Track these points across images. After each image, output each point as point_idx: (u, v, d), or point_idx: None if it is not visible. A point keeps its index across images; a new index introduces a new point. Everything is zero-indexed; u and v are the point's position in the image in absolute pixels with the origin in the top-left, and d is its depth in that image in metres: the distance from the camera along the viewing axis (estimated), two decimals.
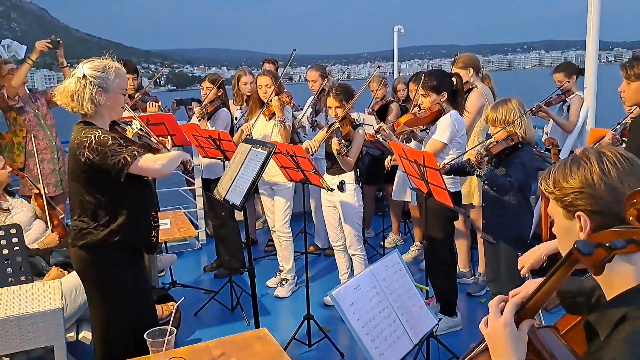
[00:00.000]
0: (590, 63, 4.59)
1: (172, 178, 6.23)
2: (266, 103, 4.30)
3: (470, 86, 4.33)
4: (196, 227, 5.54)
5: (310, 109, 5.07)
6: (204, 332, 3.78)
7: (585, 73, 4.64)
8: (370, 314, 1.94)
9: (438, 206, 3.39)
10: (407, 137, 3.92)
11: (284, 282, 4.49)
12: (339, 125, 3.83)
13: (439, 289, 3.72)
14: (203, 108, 4.58)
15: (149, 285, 2.85)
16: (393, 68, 9.54)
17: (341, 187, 3.90)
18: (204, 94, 4.74)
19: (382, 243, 5.27)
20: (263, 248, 5.47)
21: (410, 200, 4.82)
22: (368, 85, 5.65)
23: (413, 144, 3.99)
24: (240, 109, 5.10)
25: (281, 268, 4.58)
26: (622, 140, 3.53)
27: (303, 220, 3.94)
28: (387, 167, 3.92)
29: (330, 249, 5.01)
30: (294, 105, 4.56)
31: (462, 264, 4.50)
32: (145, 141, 2.72)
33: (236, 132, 4.52)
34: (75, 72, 2.46)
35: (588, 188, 1.16)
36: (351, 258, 4.17)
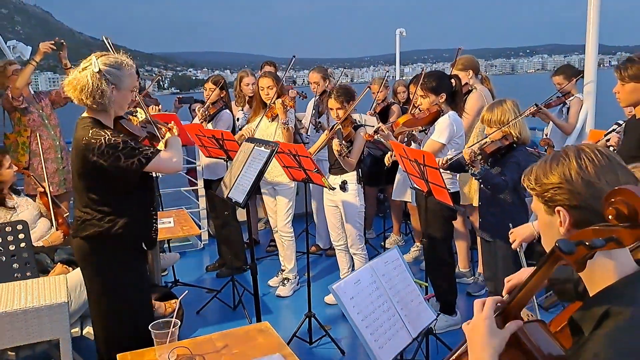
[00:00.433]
0: (589, 65, 4.63)
1: (175, 178, 6.29)
2: (269, 105, 4.35)
3: (469, 88, 4.38)
4: (199, 227, 5.58)
5: (312, 111, 5.12)
6: (206, 330, 3.82)
7: (584, 75, 4.68)
8: (369, 308, 1.98)
9: (437, 206, 3.43)
10: (407, 141, 3.96)
11: (286, 282, 4.53)
12: (340, 126, 3.88)
13: (439, 288, 3.76)
14: (205, 110, 4.63)
15: (149, 282, 2.86)
16: (395, 72, 9.59)
17: (343, 187, 3.94)
18: (207, 95, 4.79)
19: (383, 244, 5.31)
20: (265, 248, 5.52)
21: (410, 200, 4.86)
22: (369, 87, 5.70)
23: (413, 147, 4.03)
24: (242, 110, 5.15)
25: (283, 268, 4.62)
26: None
27: (305, 220, 3.99)
28: (388, 164, 3.96)
29: (331, 250, 5.05)
30: (299, 93, 4.56)
31: (462, 264, 4.54)
32: (149, 130, 2.72)
33: (237, 134, 4.56)
34: (87, 65, 2.39)
35: (566, 183, 1.19)
36: (352, 258, 4.21)
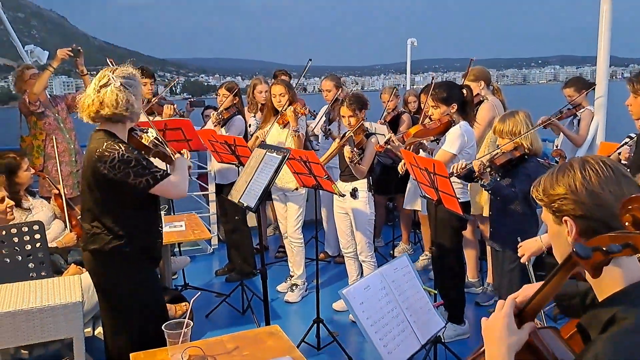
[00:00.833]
0: (601, 77, 4.63)
1: None
2: (280, 112, 4.40)
3: (481, 98, 4.40)
4: (209, 232, 5.62)
5: (323, 118, 5.16)
6: (215, 334, 3.82)
7: (596, 88, 4.68)
8: (379, 313, 2.01)
9: (447, 215, 3.45)
10: (416, 149, 3.99)
11: (294, 288, 4.55)
12: (352, 134, 3.92)
13: (448, 297, 3.76)
14: (219, 114, 4.69)
15: (161, 292, 2.87)
16: (406, 81, 9.65)
17: (354, 194, 3.98)
18: (220, 101, 4.85)
19: (392, 252, 5.32)
20: (274, 254, 5.55)
21: (420, 209, 4.87)
22: (380, 96, 5.74)
23: (422, 155, 4.05)
24: (254, 117, 5.21)
25: (292, 273, 4.65)
26: None
27: (315, 227, 4.03)
28: (401, 172, 3.99)
29: (340, 257, 5.07)
30: (310, 111, 4.64)
31: (471, 274, 4.54)
32: (160, 149, 2.80)
33: (250, 140, 4.62)
34: (105, 81, 2.46)
35: (571, 194, 1.24)
36: (361, 265, 4.23)
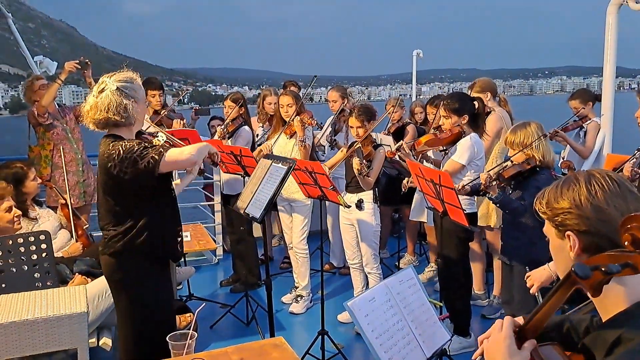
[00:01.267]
0: (607, 89, 4.62)
1: (191, 194, 6.36)
2: (288, 122, 4.42)
3: (487, 110, 4.40)
4: (214, 242, 5.63)
5: (329, 129, 5.17)
6: (220, 345, 3.83)
7: (602, 99, 4.67)
8: (384, 326, 1.99)
9: (453, 226, 3.43)
10: (419, 160, 3.99)
11: (299, 299, 4.54)
12: (360, 145, 3.92)
13: (453, 310, 3.74)
14: (225, 128, 4.71)
15: (173, 295, 2.94)
16: (412, 91, 9.67)
17: (359, 206, 3.97)
18: (227, 113, 4.88)
19: (398, 264, 5.30)
20: (279, 265, 5.54)
21: (426, 220, 4.86)
22: (385, 106, 5.75)
23: (427, 166, 4.05)
24: (262, 127, 5.23)
25: (296, 284, 4.64)
26: None
27: (320, 238, 4.02)
28: (405, 189, 3.98)
29: (345, 268, 5.06)
30: (317, 123, 4.66)
31: (477, 286, 4.50)
32: None
33: (255, 152, 4.63)
34: (102, 86, 2.50)
35: (576, 209, 1.22)
36: (367, 276, 4.22)
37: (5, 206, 3.35)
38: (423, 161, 4.09)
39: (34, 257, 3.07)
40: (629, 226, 1.10)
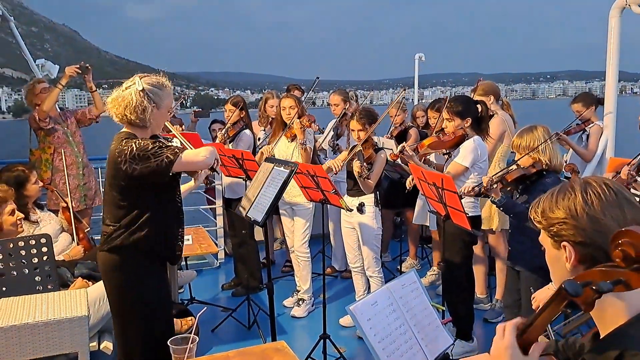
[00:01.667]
0: (610, 92, 4.61)
1: (193, 197, 6.36)
2: (288, 125, 4.41)
3: (490, 113, 4.39)
4: (215, 246, 5.63)
5: (331, 133, 5.17)
6: (221, 349, 3.81)
7: (605, 102, 4.66)
8: (386, 330, 1.98)
9: (457, 230, 3.42)
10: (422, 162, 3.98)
11: (301, 302, 4.52)
12: (361, 148, 3.91)
13: (456, 313, 3.72)
14: (225, 132, 4.71)
15: (170, 297, 2.92)
16: (414, 95, 9.66)
17: (361, 209, 3.96)
18: (227, 116, 4.88)
19: (399, 267, 5.28)
20: (281, 268, 5.53)
21: (429, 224, 4.84)
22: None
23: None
24: (264, 130, 5.22)
25: (298, 288, 4.62)
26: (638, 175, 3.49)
27: (322, 241, 4.01)
28: (409, 187, 3.97)
29: (347, 272, 5.04)
30: (318, 128, 4.66)
31: (479, 290, 4.48)
32: None
33: (257, 155, 4.62)
34: (130, 84, 2.54)
35: (571, 219, 1.18)
36: (368, 280, 4.20)
37: (8, 209, 3.35)
38: (425, 166, 4.08)
39: (35, 261, 3.06)
40: (620, 241, 1.06)
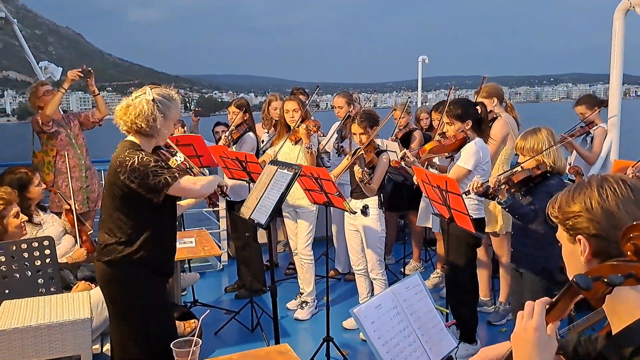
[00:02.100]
0: (614, 94, 4.60)
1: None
2: (293, 128, 4.40)
3: (494, 115, 4.38)
4: (219, 248, 5.61)
5: (335, 135, 5.16)
6: (224, 351, 3.82)
7: (609, 105, 4.64)
8: (390, 333, 1.97)
9: (461, 232, 3.41)
10: (425, 166, 3.97)
11: (304, 305, 4.51)
12: (363, 151, 3.90)
13: (460, 316, 3.71)
14: (229, 135, 4.71)
15: (170, 305, 2.91)
16: (417, 98, 9.64)
17: (364, 212, 3.95)
18: (231, 119, 4.88)
19: (403, 270, 5.27)
20: (284, 271, 5.52)
21: (432, 226, 4.83)
22: (394, 111, 5.73)
23: (432, 172, 4.03)
24: (267, 133, 5.22)
25: (301, 291, 4.61)
26: None
27: (325, 244, 4.00)
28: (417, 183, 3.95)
29: (350, 274, 5.03)
30: (323, 134, 4.65)
31: (483, 293, 4.46)
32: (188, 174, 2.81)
33: (261, 155, 4.62)
34: (140, 94, 2.58)
35: (586, 212, 1.21)
36: (372, 282, 4.19)
37: (13, 212, 3.35)
38: (428, 167, 4.07)
39: (38, 263, 3.06)
40: (631, 235, 1.07)
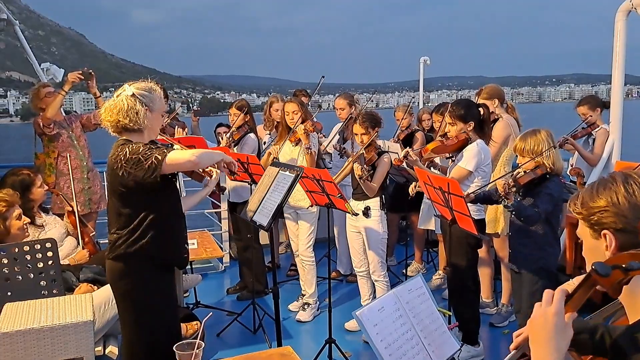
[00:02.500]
0: (616, 95, 4.59)
1: None
2: (292, 129, 4.41)
3: (495, 116, 4.37)
4: (221, 250, 5.62)
5: (337, 137, 5.16)
6: (226, 353, 3.81)
7: (611, 105, 4.63)
8: (393, 336, 1.96)
9: (462, 233, 3.40)
10: (427, 166, 3.97)
11: (306, 307, 4.51)
12: (364, 150, 3.91)
13: (462, 318, 3.70)
14: (230, 136, 4.71)
15: (177, 302, 2.92)
16: (419, 98, 9.63)
17: (366, 213, 3.94)
18: (232, 120, 4.88)
19: (405, 271, 5.26)
20: (286, 272, 5.51)
21: (434, 228, 4.82)
22: (393, 114, 5.74)
23: (434, 172, 4.03)
24: (269, 134, 5.22)
25: (303, 292, 4.61)
26: None
27: (327, 245, 4.00)
28: (412, 194, 3.95)
29: (352, 276, 5.03)
30: (324, 136, 4.65)
31: (485, 294, 4.46)
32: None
33: (263, 156, 4.62)
34: (121, 92, 2.57)
35: (612, 207, 1.22)
36: (374, 284, 4.18)
37: (15, 214, 3.35)
38: (430, 167, 4.07)
39: (40, 265, 3.06)
40: None
